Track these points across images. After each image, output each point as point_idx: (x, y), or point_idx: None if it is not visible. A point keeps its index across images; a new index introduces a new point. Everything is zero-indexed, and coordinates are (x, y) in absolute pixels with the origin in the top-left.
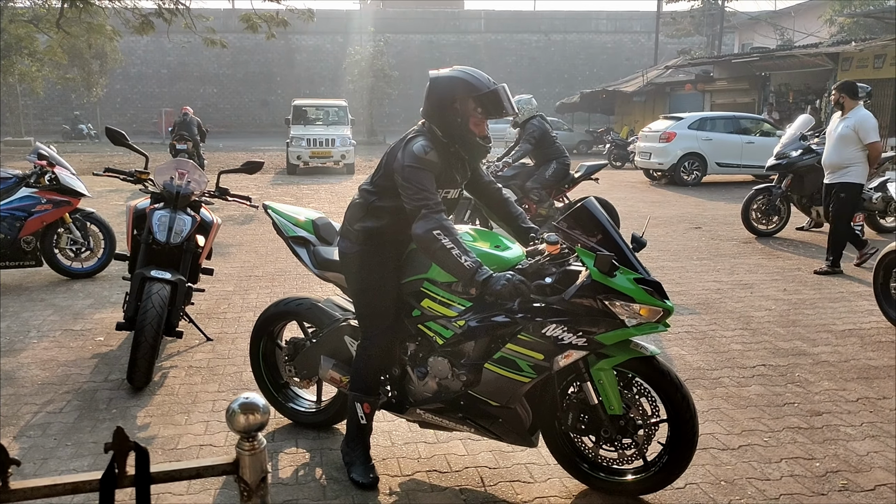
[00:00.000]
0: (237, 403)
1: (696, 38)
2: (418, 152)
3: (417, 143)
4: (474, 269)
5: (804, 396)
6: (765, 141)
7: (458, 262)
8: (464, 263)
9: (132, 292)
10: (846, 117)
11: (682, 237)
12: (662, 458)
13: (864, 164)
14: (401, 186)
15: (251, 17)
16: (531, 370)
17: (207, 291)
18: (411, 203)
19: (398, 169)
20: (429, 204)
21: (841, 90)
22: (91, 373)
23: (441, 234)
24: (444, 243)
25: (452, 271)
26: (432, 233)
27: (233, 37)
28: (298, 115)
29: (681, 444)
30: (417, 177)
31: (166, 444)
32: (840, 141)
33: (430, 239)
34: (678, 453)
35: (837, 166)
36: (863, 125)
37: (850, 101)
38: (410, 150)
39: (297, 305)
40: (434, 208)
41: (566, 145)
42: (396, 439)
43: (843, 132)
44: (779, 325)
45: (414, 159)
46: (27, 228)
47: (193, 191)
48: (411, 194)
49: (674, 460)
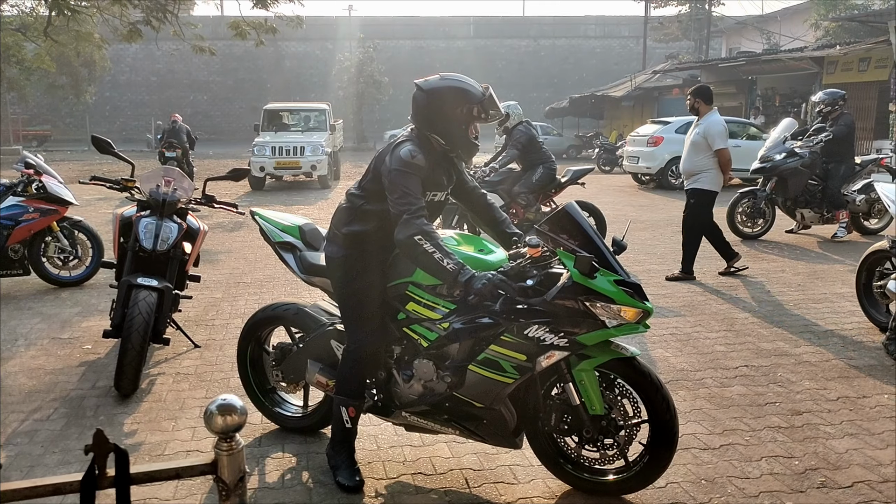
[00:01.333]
0: (215, 405)
1: (684, 42)
2: (405, 156)
3: (405, 148)
4: (457, 271)
5: (785, 396)
6: (751, 144)
7: (441, 265)
8: (446, 266)
9: (119, 300)
10: (699, 123)
11: (669, 240)
12: (644, 458)
13: (715, 171)
14: (387, 190)
15: (240, 24)
16: (514, 371)
17: (196, 298)
18: (395, 207)
19: (385, 173)
20: (411, 209)
21: (695, 95)
22: (78, 380)
23: (422, 238)
24: (425, 248)
25: (436, 274)
26: (413, 238)
27: (222, 44)
28: (271, 120)
29: (661, 445)
30: (403, 180)
31: (153, 450)
32: (692, 147)
33: (411, 244)
34: (658, 453)
35: (690, 173)
36: (710, 131)
37: (705, 107)
38: (398, 154)
39: (284, 310)
40: (416, 213)
41: (555, 150)
42: (382, 443)
43: (695, 139)
44: (762, 326)
45: (401, 163)
46: (14, 237)
47: (180, 198)
48: (396, 198)
49: (654, 460)
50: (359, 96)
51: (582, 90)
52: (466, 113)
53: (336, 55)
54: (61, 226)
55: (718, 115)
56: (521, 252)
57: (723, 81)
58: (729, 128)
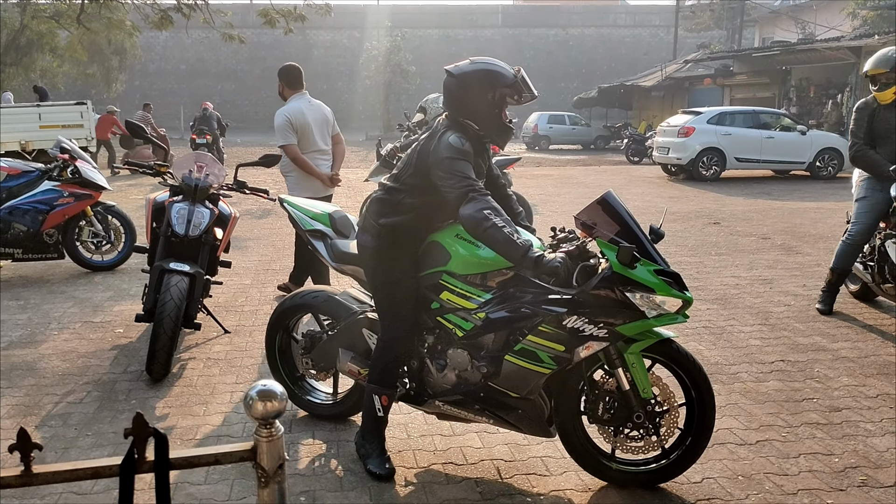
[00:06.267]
0: (255, 391)
1: (716, 32)
2: (455, 143)
3: (453, 136)
4: (527, 247)
5: (823, 392)
6: (785, 136)
7: (511, 238)
8: (516, 241)
9: (151, 284)
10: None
11: (701, 232)
12: (682, 443)
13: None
14: (440, 178)
15: (269, 12)
16: (552, 361)
17: (225, 284)
18: (456, 190)
19: (436, 162)
20: (475, 187)
21: None
22: (111, 364)
23: (491, 213)
24: (495, 221)
25: (503, 249)
26: (483, 212)
27: (251, 32)
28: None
29: (701, 426)
30: (458, 166)
31: (185, 434)
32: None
33: (481, 218)
34: (698, 436)
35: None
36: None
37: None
38: (447, 142)
39: (313, 298)
40: (481, 191)
41: (583, 140)
42: (412, 431)
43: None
44: (798, 320)
45: (451, 150)
46: (49, 221)
47: (212, 184)
48: (454, 183)
49: (693, 444)
50: (386, 85)
51: (611, 80)
52: (499, 96)
53: (364, 44)
54: (95, 210)
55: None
56: (568, 237)
57: (756, 72)
58: (762, 118)
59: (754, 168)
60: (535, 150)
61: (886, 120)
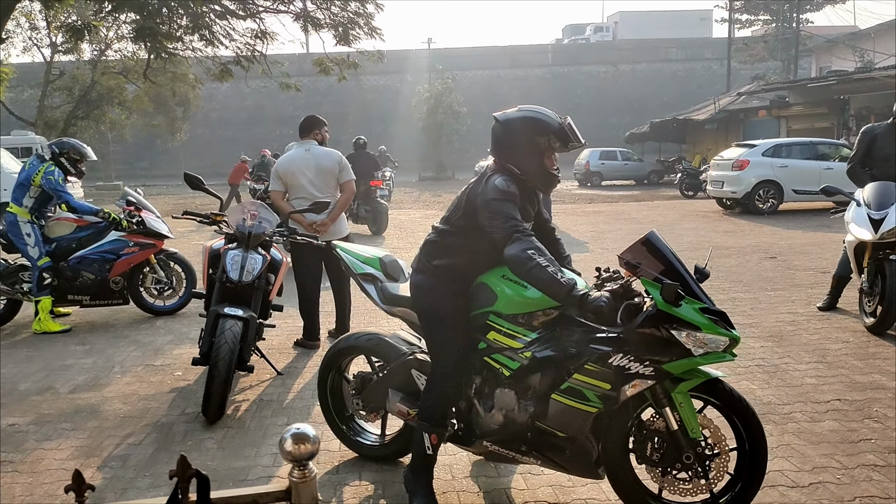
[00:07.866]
0: (289, 433)
1: (771, 63)
2: (501, 186)
3: (499, 178)
4: (571, 285)
5: (882, 432)
6: (844, 167)
7: (555, 278)
8: (560, 280)
9: (207, 329)
10: None
11: (756, 267)
12: (733, 489)
13: None
14: (487, 219)
15: (324, 61)
16: (598, 400)
17: (278, 327)
18: (502, 231)
19: (483, 204)
20: (520, 228)
21: None
22: (169, 406)
23: (535, 253)
24: (539, 261)
25: (548, 288)
26: (527, 252)
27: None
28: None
29: (753, 472)
30: (504, 207)
31: (237, 475)
32: None
33: (525, 258)
34: (749, 482)
35: None
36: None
37: None
38: (493, 184)
39: (365, 340)
40: (526, 232)
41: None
42: (457, 472)
43: None
44: (857, 357)
45: (497, 192)
46: (116, 269)
47: (264, 230)
48: (500, 223)
49: (743, 490)
50: (437, 127)
51: (663, 114)
52: (544, 143)
53: (415, 87)
54: (158, 258)
55: None
56: (612, 276)
57: (812, 102)
58: (819, 149)
59: (814, 200)
60: (587, 187)
61: (886, 145)
